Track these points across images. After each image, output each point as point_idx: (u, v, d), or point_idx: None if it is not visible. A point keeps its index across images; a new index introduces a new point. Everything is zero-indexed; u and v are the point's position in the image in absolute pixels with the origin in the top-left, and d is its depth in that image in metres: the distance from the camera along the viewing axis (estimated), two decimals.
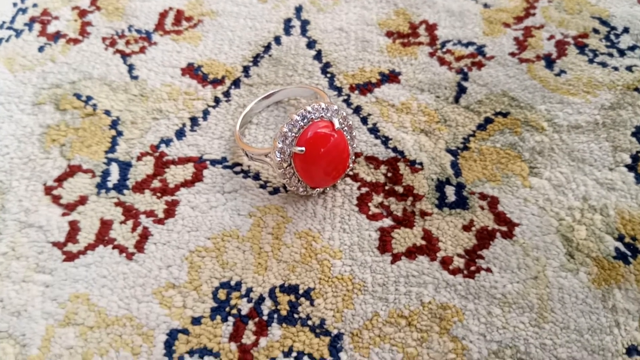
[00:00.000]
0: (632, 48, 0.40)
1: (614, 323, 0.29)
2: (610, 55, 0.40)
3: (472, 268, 0.30)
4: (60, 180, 0.35)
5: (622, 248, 0.31)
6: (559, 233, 0.31)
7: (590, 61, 0.40)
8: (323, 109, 0.30)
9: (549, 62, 0.40)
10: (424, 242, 0.31)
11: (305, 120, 0.30)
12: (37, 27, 0.43)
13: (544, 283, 0.30)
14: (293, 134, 0.30)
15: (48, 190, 0.34)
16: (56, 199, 0.34)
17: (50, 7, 0.44)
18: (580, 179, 0.34)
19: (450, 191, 0.33)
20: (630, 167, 0.34)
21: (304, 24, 0.42)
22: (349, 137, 0.32)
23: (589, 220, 0.32)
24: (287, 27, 0.42)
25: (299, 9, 0.43)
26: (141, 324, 0.29)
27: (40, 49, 0.41)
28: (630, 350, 0.28)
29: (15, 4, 0.45)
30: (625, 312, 0.29)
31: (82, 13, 0.44)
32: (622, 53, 0.40)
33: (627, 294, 0.29)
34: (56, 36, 0.42)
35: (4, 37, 0.42)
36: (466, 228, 0.32)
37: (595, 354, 0.28)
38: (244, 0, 0.44)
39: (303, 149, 0.30)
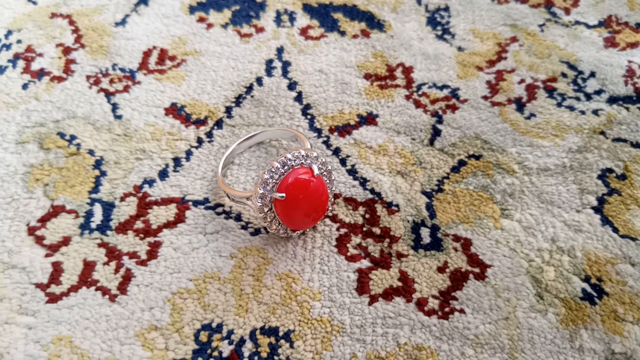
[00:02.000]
0: (598, 92, 0.42)
1: None
2: (578, 99, 0.42)
3: (447, 309, 0.32)
4: (43, 220, 0.35)
5: (589, 289, 0.32)
6: (528, 274, 0.33)
7: (559, 105, 0.42)
8: (303, 155, 0.32)
9: (520, 105, 0.41)
10: (400, 284, 0.33)
11: (286, 167, 0.31)
12: (21, 63, 0.44)
13: (515, 324, 0.31)
14: (274, 181, 0.31)
15: (31, 230, 0.35)
16: (39, 240, 0.34)
17: (35, 44, 0.45)
18: (549, 221, 0.35)
19: (425, 233, 0.35)
20: (597, 209, 0.36)
21: (285, 65, 0.44)
22: (327, 181, 0.33)
23: (557, 262, 0.34)
24: (269, 68, 0.43)
25: (280, 50, 0.45)
26: None
27: (24, 86, 0.42)
28: None
29: None
30: (592, 352, 0.30)
31: (67, 50, 0.44)
32: (588, 97, 0.42)
33: (593, 334, 0.31)
34: (40, 73, 0.43)
35: None
36: (440, 269, 0.33)
37: None
38: (227, 40, 0.46)
39: (284, 195, 0.31)
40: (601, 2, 0.50)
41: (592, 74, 0.44)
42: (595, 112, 0.41)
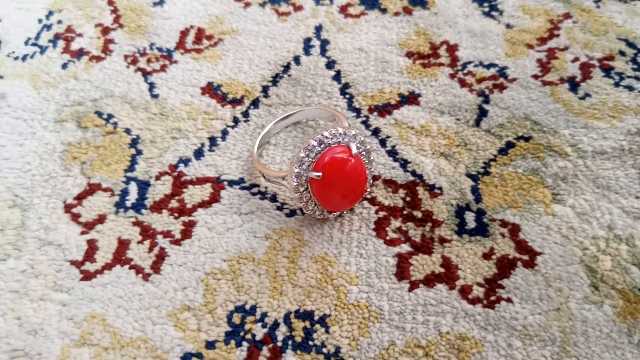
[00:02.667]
0: None
1: None
2: (637, 78, 0.39)
3: (492, 298, 0.30)
4: (80, 198, 0.35)
5: None
6: (582, 263, 0.31)
7: (616, 84, 0.39)
8: (340, 134, 0.30)
9: (573, 85, 0.39)
10: (442, 270, 0.31)
11: (323, 146, 0.30)
12: (61, 44, 0.44)
13: (567, 315, 0.29)
14: (310, 159, 0.30)
15: (68, 208, 0.34)
16: (75, 217, 0.34)
17: (74, 24, 0.45)
18: (606, 207, 0.33)
19: (470, 217, 0.33)
20: None
21: (324, 43, 0.42)
22: (366, 161, 0.32)
23: (614, 251, 0.31)
24: (307, 47, 0.42)
25: (319, 28, 0.43)
26: (155, 346, 0.29)
27: (64, 66, 0.42)
28: None
29: (40, 20, 0.46)
30: None
31: (105, 30, 0.44)
32: None
33: None
34: (79, 53, 0.43)
35: (28, 54, 0.43)
36: (486, 256, 0.31)
37: None
38: (264, 19, 0.44)
39: (320, 174, 0.29)
40: None
41: None
42: None
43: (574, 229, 0.32)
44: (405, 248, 0.32)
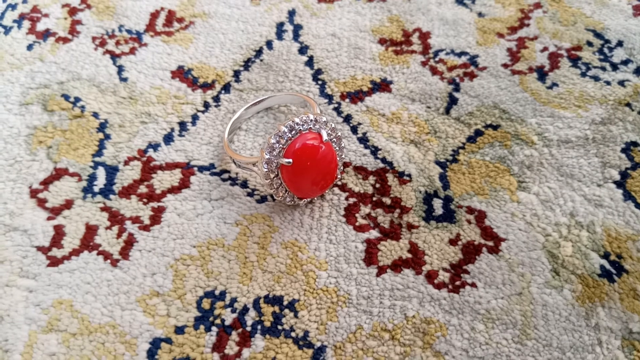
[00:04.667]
0: (625, 62, 0.40)
1: (597, 341, 0.29)
2: (603, 69, 0.40)
3: (457, 283, 0.30)
4: (46, 183, 0.34)
5: (607, 266, 0.31)
6: (545, 249, 0.32)
7: (583, 74, 0.39)
8: (311, 120, 0.30)
9: (542, 74, 0.39)
10: (410, 255, 0.31)
11: (293, 132, 0.30)
12: (26, 24, 0.42)
13: (528, 299, 0.30)
14: (280, 145, 0.30)
15: (34, 193, 0.34)
16: (42, 203, 0.34)
17: (40, 4, 0.44)
18: (569, 195, 0.34)
19: (437, 204, 0.33)
20: (619, 184, 0.34)
21: (297, 28, 0.42)
22: (337, 148, 0.32)
23: (575, 237, 0.32)
24: (280, 32, 0.42)
25: (292, 13, 0.43)
26: (124, 332, 0.29)
27: (29, 47, 0.41)
28: None
29: (4, 0, 0.44)
30: (608, 331, 0.29)
31: (73, 11, 0.43)
32: (615, 67, 0.40)
33: (611, 312, 0.30)
34: (45, 34, 0.42)
35: None
36: (452, 242, 0.32)
37: None
38: (237, 2, 0.44)
39: (290, 160, 0.29)
40: None
41: (620, 43, 0.41)
42: (622, 82, 0.39)
43: (537, 215, 0.33)
44: (374, 234, 0.32)
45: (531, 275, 0.31)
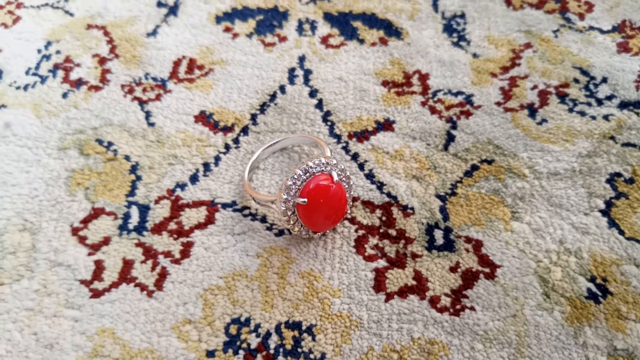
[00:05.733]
0: (609, 97, 0.44)
1: (585, 358, 0.32)
2: (589, 104, 0.43)
3: (458, 307, 0.34)
4: (85, 221, 0.38)
5: (594, 289, 0.34)
6: (536, 274, 0.35)
7: (570, 110, 0.43)
8: (323, 163, 0.34)
9: (532, 111, 0.43)
10: (414, 282, 0.35)
11: (307, 174, 0.34)
12: (60, 73, 0.47)
13: (522, 321, 0.33)
14: (296, 187, 0.33)
15: (75, 231, 0.38)
16: (82, 240, 0.37)
17: (72, 55, 0.48)
18: (558, 223, 0.37)
19: (438, 235, 0.37)
20: (604, 212, 0.37)
21: (307, 73, 0.46)
22: (346, 186, 0.36)
23: (564, 262, 0.35)
24: (291, 76, 0.46)
25: (302, 59, 0.47)
26: (161, 356, 0.33)
27: (64, 95, 0.45)
28: None
29: (39, 51, 0.49)
30: (595, 348, 0.32)
31: (102, 61, 0.47)
32: (599, 102, 0.44)
33: (597, 331, 0.33)
34: (78, 83, 0.46)
35: (29, 83, 0.46)
36: (453, 269, 0.35)
37: None
38: (252, 50, 0.48)
39: (305, 200, 0.33)
40: (616, 7, 0.51)
41: (604, 80, 0.45)
42: (606, 117, 0.43)
43: (529, 243, 0.36)
44: (381, 263, 0.36)
45: (524, 298, 0.34)
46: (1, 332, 0.34)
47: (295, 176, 0.33)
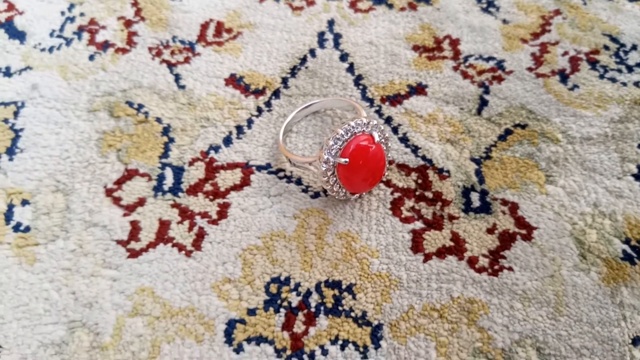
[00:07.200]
0: (639, 64, 0.44)
1: (622, 317, 0.32)
2: (619, 71, 0.43)
3: (496, 267, 0.34)
4: (119, 183, 0.38)
5: (629, 250, 0.35)
6: (572, 236, 0.35)
7: (601, 76, 0.43)
8: (365, 123, 0.34)
9: (563, 77, 0.43)
10: (452, 244, 0.35)
11: (349, 134, 0.33)
12: (85, 36, 0.46)
13: (560, 281, 0.34)
14: (338, 147, 0.33)
15: (108, 192, 0.38)
16: (117, 201, 0.37)
17: (97, 17, 0.47)
18: (592, 187, 0.37)
19: (475, 197, 0.37)
20: (637, 177, 0.38)
21: (337, 37, 0.46)
22: (385, 148, 0.35)
23: (599, 225, 0.36)
24: (321, 40, 0.45)
25: (331, 23, 0.47)
26: (202, 314, 0.33)
27: (91, 57, 0.44)
28: (636, 341, 0.32)
29: (62, 13, 0.48)
30: (631, 307, 0.33)
31: (128, 23, 0.47)
32: (630, 69, 0.43)
33: (633, 291, 0.33)
34: (105, 45, 0.45)
35: (55, 45, 0.45)
36: (490, 231, 0.36)
37: (605, 344, 0.32)
38: (279, 13, 0.47)
39: (347, 160, 0.33)
40: None
41: (634, 47, 0.45)
42: (637, 83, 0.43)
43: (564, 206, 0.37)
44: (418, 225, 0.36)
45: (561, 259, 0.34)
46: (38, 291, 0.34)
47: (338, 136, 0.33)
